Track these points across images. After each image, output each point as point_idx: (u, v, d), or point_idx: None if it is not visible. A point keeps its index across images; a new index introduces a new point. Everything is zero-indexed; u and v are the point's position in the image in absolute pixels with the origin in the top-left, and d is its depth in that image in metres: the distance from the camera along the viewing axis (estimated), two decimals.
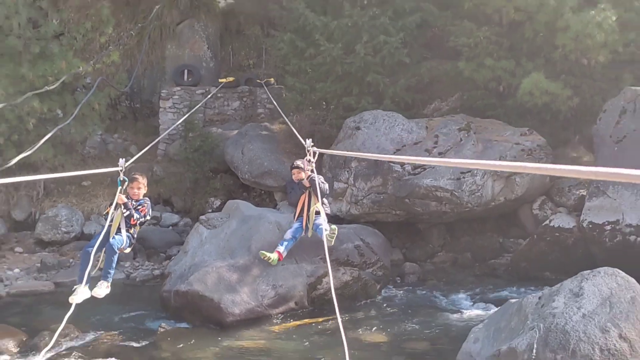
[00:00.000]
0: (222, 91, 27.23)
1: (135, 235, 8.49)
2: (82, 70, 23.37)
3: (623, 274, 11.86)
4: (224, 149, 24.97)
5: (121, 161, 7.85)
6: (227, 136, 25.52)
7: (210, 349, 15.23)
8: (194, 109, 23.67)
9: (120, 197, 8.09)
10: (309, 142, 8.31)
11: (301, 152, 23.52)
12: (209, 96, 25.71)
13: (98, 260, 8.27)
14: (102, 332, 15.52)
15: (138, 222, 8.36)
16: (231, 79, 27.74)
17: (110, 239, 8.19)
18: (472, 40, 22.72)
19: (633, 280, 11.86)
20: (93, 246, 7.89)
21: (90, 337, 15.40)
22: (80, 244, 21.79)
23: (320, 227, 8.43)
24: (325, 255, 8.69)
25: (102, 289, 8.31)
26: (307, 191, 8.55)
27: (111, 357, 14.63)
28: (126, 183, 8.02)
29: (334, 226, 8.45)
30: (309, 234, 8.49)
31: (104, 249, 8.28)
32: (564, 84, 21.20)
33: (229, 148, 24.80)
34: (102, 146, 26.24)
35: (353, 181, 20.84)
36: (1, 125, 22.08)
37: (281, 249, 8.50)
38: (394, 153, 20.80)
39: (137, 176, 8.38)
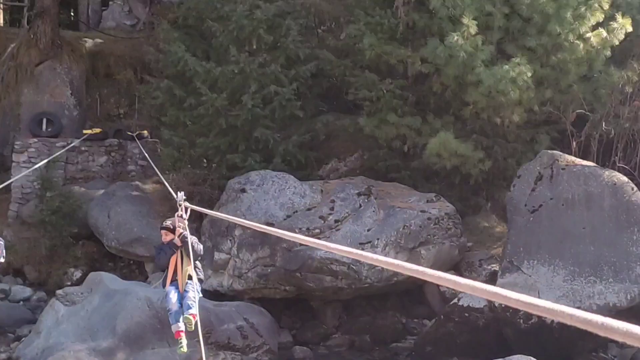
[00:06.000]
0: (87, 144, 26.78)
1: None
2: None
3: None
4: (88, 211, 24.53)
5: None
6: (92, 196, 25.07)
7: None
8: (49, 159, 23.08)
9: None
10: (180, 195, 8.29)
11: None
12: (68, 147, 25.26)
13: None
14: None
15: None
16: (98, 130, 27.31)
17: None
18: (374, 93, 22.96)
19: None
20: None
21: None
22: None
23: (187, 302, 8.36)
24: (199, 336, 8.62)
25: None
26: (179, 251, 8.49)
27: None
28: None
29: (192, 311, 8.37)
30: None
31: None
32: (475, 144, 21.59)
33: (94, 210, 24.38)
34: None
35: (237, 251, 20.68)
36: None
37: (178, 326, 8.37)
38: (284, 219, 20.80)
39: None
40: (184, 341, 8.48)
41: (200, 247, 8.62)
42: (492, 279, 19.95)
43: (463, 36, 20.25)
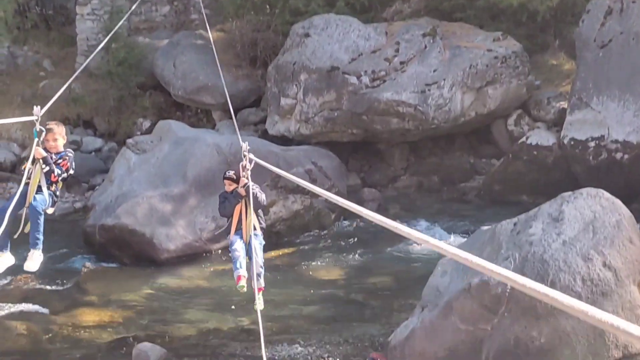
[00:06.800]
0: None
1: (58, 193, 8.35)
2: None
3: (608, 195, 12.00)
4: (153, 61, 24.63)
5: (36, 109, 7.60)
6: (157, 46, 25.13)
7: (142, 290, 15.26)
8: (120, 23, 22.94)
9: (37, 151, 7.88)
10: (245, 145, 8.22)
11: (242, 64, 23.37)
12: (137, 4, 25.19)
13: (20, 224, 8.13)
14: (18, 274, 15.39)
15: (60, 178, 8.20)
16: None
17: (32, 201, 8.03)
18: None
19: (619, 201, 12.00)
20: (8, 207, 7.72)
21: (3, 281, 15.30)
22: None
23: (256, 270, 8.39)
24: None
25: (35, 260, 8.14)
26: (244, 200, 8.51)
27: (28, 301, 14.59)
28: (43, 133, 7.84)
29: (261, 283, 8.42)
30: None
31: (21, 209, 8.13)
32: None
33: (159, 60, 24.48)
34: (10, 60, 25.75)
35: (302, 96, 20.73)
36: None
37: (240, 272, 8.45)
38: (349, 63, 20.71)
39: (51, 126, 8.12)
40: (244, 283, 8.52)
41: (264, 196, 8.62)
42: (561, 116, 19.83)
43: None
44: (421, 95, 19.93)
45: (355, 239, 17.70)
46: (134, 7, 24.34)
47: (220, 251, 16.63)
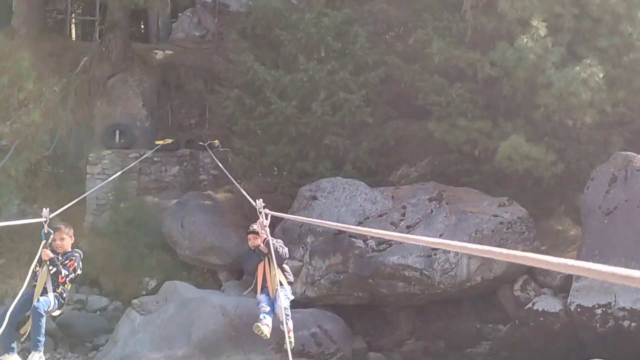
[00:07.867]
0: (159, 155, 27.08)
1: (65, 295, 8.41)
2: None
3: None
4: (161, 221, 24.80)
5: (45, 211, 7.80)
6: (165, 206, 25.34)
7: None
8: (122, 171, 23.13)
9: (45, 252, 8.00)
10: (259, 202, 8.48)
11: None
12: (141, 158, 25.53)
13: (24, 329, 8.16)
14: None
15: (67, 279, 8.27)
16: (169, 140, 27.61)
17: (35, 302, 8.07)
18: (444, 98, 22.92)
19: None
20: (11, 310, 7.74)
21: None
22: None
23: (284, 312, 8.53)
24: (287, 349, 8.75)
25: None
26: (266, 258, 8.70)
27: None
28: (51, 236, 7.97)
29: (289, 326, 8.57)
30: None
31: (28, 312, 8.18)
32: (547, 147, 21.42)
33: (167, 220, 24.64)
34: (20, 218, 25.97)
35: (309, 259, 20.78)
36: None
37: (264, 321, 8.59)
38: (357, 225, 20.83)
39: (59, 225, 8.34)
40: (266, 331, 8.66)
41: (286, 250, 8.83)
42: (567, 282, 19.78)
43: (532, 38, 20.15)
44: (427, 259, 19.97)
45: None
46: (134, 164, 24.78)
47: None
